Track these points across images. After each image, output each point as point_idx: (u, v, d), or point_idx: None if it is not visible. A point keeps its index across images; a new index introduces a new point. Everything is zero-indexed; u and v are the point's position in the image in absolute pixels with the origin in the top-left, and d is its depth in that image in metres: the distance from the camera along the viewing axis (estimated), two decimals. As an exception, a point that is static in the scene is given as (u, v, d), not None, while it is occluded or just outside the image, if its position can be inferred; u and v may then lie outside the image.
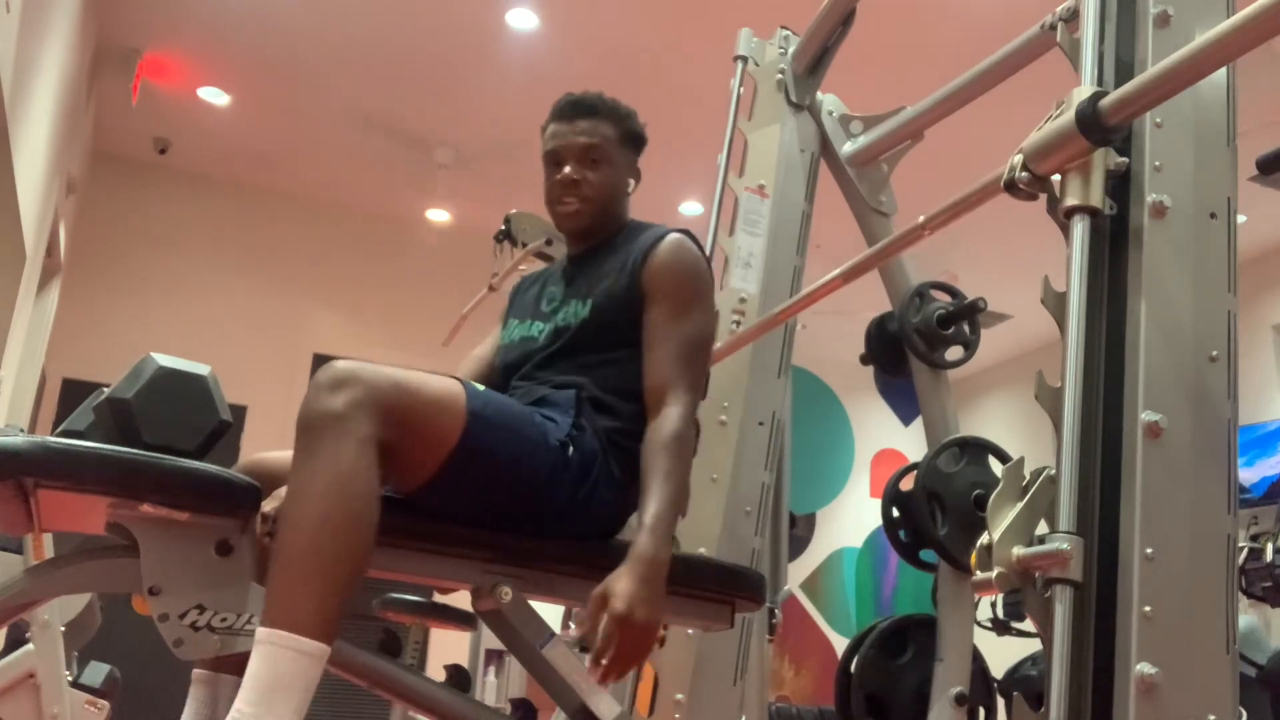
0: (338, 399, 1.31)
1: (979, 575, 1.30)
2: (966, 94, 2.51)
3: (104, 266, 5.93)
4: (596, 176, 1.80)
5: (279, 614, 1.24)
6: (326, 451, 1.29)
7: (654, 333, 1.65)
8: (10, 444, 1.32)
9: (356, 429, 1.31)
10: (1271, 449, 5.34)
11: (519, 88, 5.18)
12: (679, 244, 1.73)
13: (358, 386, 1.33)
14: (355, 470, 1.29)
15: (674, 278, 1.68)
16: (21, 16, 3.19)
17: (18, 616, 1.54)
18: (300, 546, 1.26)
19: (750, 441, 2.51)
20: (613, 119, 1.87)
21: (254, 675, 1.22)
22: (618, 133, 1.86)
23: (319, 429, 1.31)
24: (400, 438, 1.36)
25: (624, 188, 1.87)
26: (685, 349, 1.64)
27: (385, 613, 3.70)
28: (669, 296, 1.67)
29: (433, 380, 1.44)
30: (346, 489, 1.28)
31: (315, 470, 1.29)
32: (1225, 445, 1.37)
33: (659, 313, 1.66)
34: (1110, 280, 1.43)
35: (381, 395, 1.34)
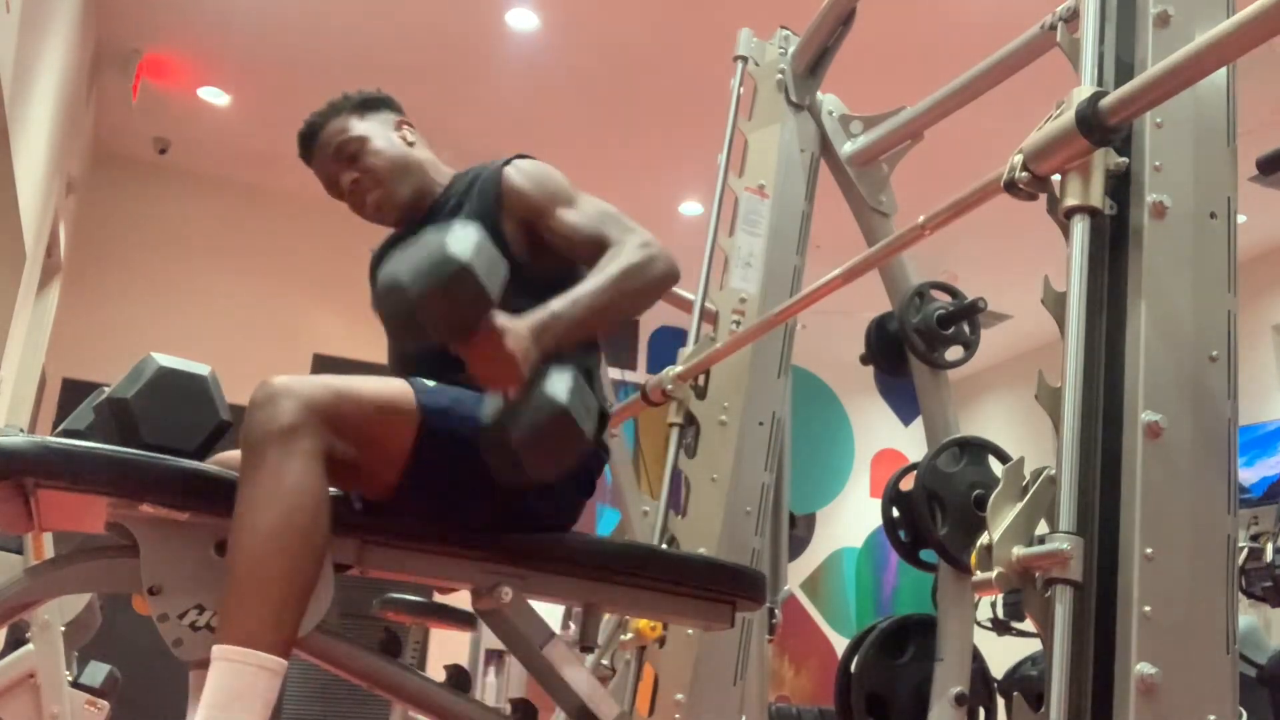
0: (277, 416, 1.30)
1: (979, 575, 1.30)
2: (966, 94, 2.51)
3: (104, 266, 5.93)
4: (364, 160, 1.76)
5: (233, 631, 1.24)
6: (270, 469, 1.28)
7: (570, 227, 1.60)
8: (10, 444, 1.32)
9: (299, 443, 1.30)
10: (1271, 449, 5.34)
11: (519, 88, 5.18)
12: (521, 162, 1.69)
13: (295, 400, 1.31)
14: (301, 485, 1.28)
15: (542, 183, 1.65)
16: (21, 16, 3.19)
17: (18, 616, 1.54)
18: (250, 564, 1.26)
19: (750, 441, 2.51)
20: (335, 115, 1.81)
21: (212, 691, 1.22)
22: (348, 118, 1.80)
23: (262, 447, 1.29)
24: (353, 447, 1.35)
25: (398, 142, 1.80)
26: (599, 214, 1.61)
27: (385, 613, 3.70)
28: (551, 197, 1.63)
29: (377, 383, 1.42)
30: (293, 505, 1.27)
31: (260, 488, 1.28)
32: (1225, 445, 1.37)
33: (558, 212, 1.62)
34: (1110, 280, 1.43)
35: (322, 406, 1.32)
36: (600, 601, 1.56)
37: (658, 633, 2.32)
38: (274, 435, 1.29)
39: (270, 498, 1.28)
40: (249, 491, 1.29)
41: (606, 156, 5.80)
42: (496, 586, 1.45)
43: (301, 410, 1.31)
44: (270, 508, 1.27)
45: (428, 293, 1.26)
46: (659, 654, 2.35)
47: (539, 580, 1.49)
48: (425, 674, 1.53)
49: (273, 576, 1.26)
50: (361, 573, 1.47)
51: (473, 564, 1.47)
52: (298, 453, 1.29)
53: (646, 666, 2.36)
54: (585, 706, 1.44)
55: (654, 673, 2.35)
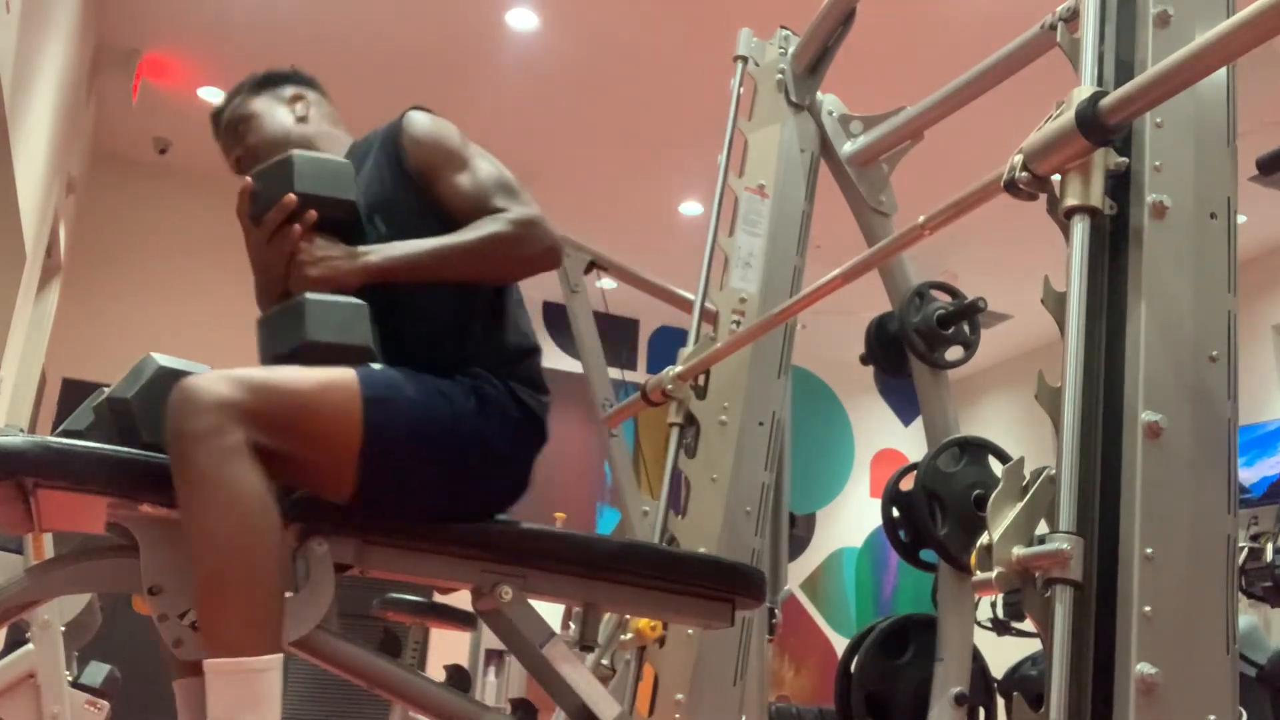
0: (193, 420, 1.28)
1: (979, 575, 1.30)
2: (966, 94, 2.51)
3: (104, 266, 5.93)
4: (247, 138, 1.79)
5: (216, 645, 1.24)
6: (201, 475, 1.27)
7: (455, 189, 1.57)
8: (10, 444, 1.32)
9: (221, 443, 1.28)
10: (1271, 449, 5.34)
11: (519, 88, 5.19)
12: (416, 116, 1.64)
13: (208, 401, 1.29)
14: (236, 484, 1.27)
15: (436, 141, 1.61)
16: (21, 16, 3.19)
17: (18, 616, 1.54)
18: (213, 575, 1.25)
19: (750, 441, 2.51)
20: (236, 95, 1.84)
21: (216, 707, 1.22)
22: (245, 95, 1.83)
23: (186, 454, 1.28)
24: (288, 442, 1.33)
25: (284, 118, 1.79)
26: (489, 180, 1.57)
27: (385, 613, 3.70)
28: (444, 157, 1.59)
29: (311, 375, 1.38)
30: (235, 506, 1.26)
31: (198, 496, 1.27)
32: (1225, 445, 1.37)
33: (447, 175, 1.58)
34: (1110, 280, 1.43)
35: (236, 402, 1.30)
36: (600, 600, 1.56)
37: (658, 633, 2.32)
38: (194, 440, 1.27)
39: (211, 504, 1.26)
40: (188, 502, 1.28)
41: (606, 156, 5.80)
42: (496, 586, 1.45)
43: (215, 411, 1.28)
44: (214, 514, 1.26)
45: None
46: (659, 654, 2.35)
47: (539, 579, 1.49)
48: (425, 674, 1.53)
49: (239, 581, 1.25)
50: (361, 573, 1.47)
51: (473, 564, 1.47)
52: (223, 452, 1.27)
53: (646, 666, 2.36)
54: (585, 706, 1.44)
55: (654, 673, 2.35)
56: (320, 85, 1.91)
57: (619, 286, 3.95)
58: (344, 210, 1.50)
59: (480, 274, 1.53)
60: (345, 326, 1.44)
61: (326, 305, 1.44)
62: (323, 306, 1.43)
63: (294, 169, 1.46)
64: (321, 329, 1.42)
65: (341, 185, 1.50)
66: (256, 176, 1.49)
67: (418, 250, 1.50)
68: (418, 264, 1.49)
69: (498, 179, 1.59)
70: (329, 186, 1.48)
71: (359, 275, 1.47)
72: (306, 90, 1.85)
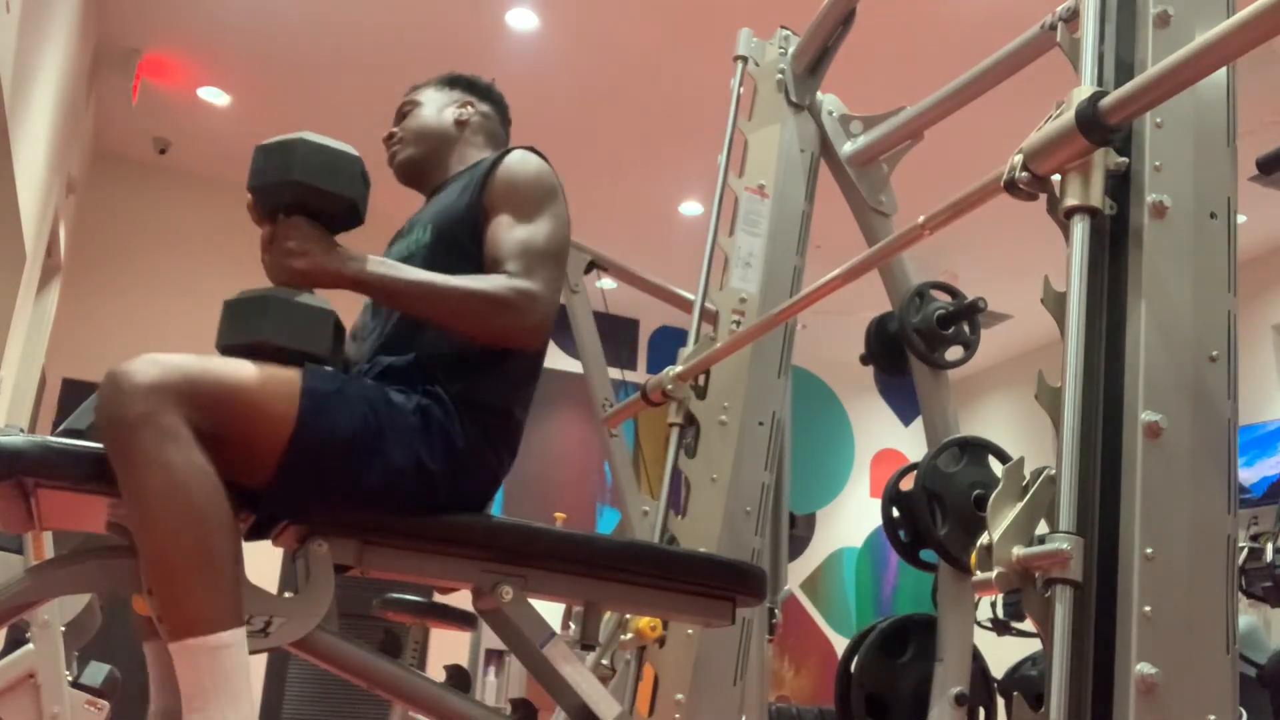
0: (125, 405, 1.27)
1: (979, 575, 1.30)
2: (966, 94, 2.51)
3: (104, 266, 5.93)
4: (405, 121, 1.85)
5: (177, 626, 1.24)
6: (138, 461, 1.26)
7: (496, 235, 1.57)
8: (10, 444, 1.32)
9: (156, 426, 1.26)
10: (1271, 449, 5.34)
11: (519, 88, 5.17)
12: (522, 155, 1.67)
13: (138, 386, 1.28)
14: (175, 463, 1.26)
15: (516, 184, 1.62)
16: (21, 16, 3.19)
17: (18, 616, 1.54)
18: (164, 563, 1.25)
19: (750, 441, 2.51)
20: (425, 85, 1.91)
21: (187, 686, 1.23)
22: (428, 87, 1.89)
23: (121, 441, 1.27)
24: (222, 425, 1.31)
25: (446, 116, 1.84)
26: (529, 243, 1.55)
27: (385, 613, 3.70)
28: (512, 203, 1.60)
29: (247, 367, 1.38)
30: (178, 486, 1.25)
31: (137, 484, 1.26)
32: (1225, 445, 1.37)
33: (503, 219, 1.58)
34: (1110, 280, 1.43)
35: (169, 385, 1.29)
36: (600, 599, 1.56)
37: (658, 633, 2.32)
38: (129, 426, 1.26)
39: (155, 488, 1.25)
40: (131, 489, 1.27)
41: (606, 156, 5.80)
42: (497, 586, 1.45)
43: (147, 395, 1.27)
44: (159, 498, 1.25)
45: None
46: (659, 654, 2.35)
47: (539, 579, 1.49)
48: (425, 674, 1.53)
49: (192, 562, 1.25)
50: (362, 573, 1.47)
51: (473, 563, 1.47)
52: (159, 435, 1.26)
53: (646, 666, 2.36)
54: (585, 706, 1.45)
55: (654, 673, 2.35)
56: (503, 107, 1.96)
57: (619, 286, 3.95)
58: (340, 205, 1.47)
59: (453, 324, 1.50)
60: (306, 333, 1.42)
61: (292, 307, 1.42)
62: (288, 308, 1.41)
63: (294, 155, 1.44)
64: (281, 331, 1.40)
65: (341, 179, 1.47)
66: (260, 151, 1.47)
67: (402, 276, 1.47)
68: (396, 290, 1.47)
69: (530, 243, 1.56)
70: (327, 178, 1.45)
71: (337, 280, 1.45)
72: (483, 103, 1.90)
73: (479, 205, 1.61)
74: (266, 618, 1.35)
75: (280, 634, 1.36)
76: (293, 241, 1.43)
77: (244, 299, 1.45)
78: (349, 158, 1.48)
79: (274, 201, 1.46)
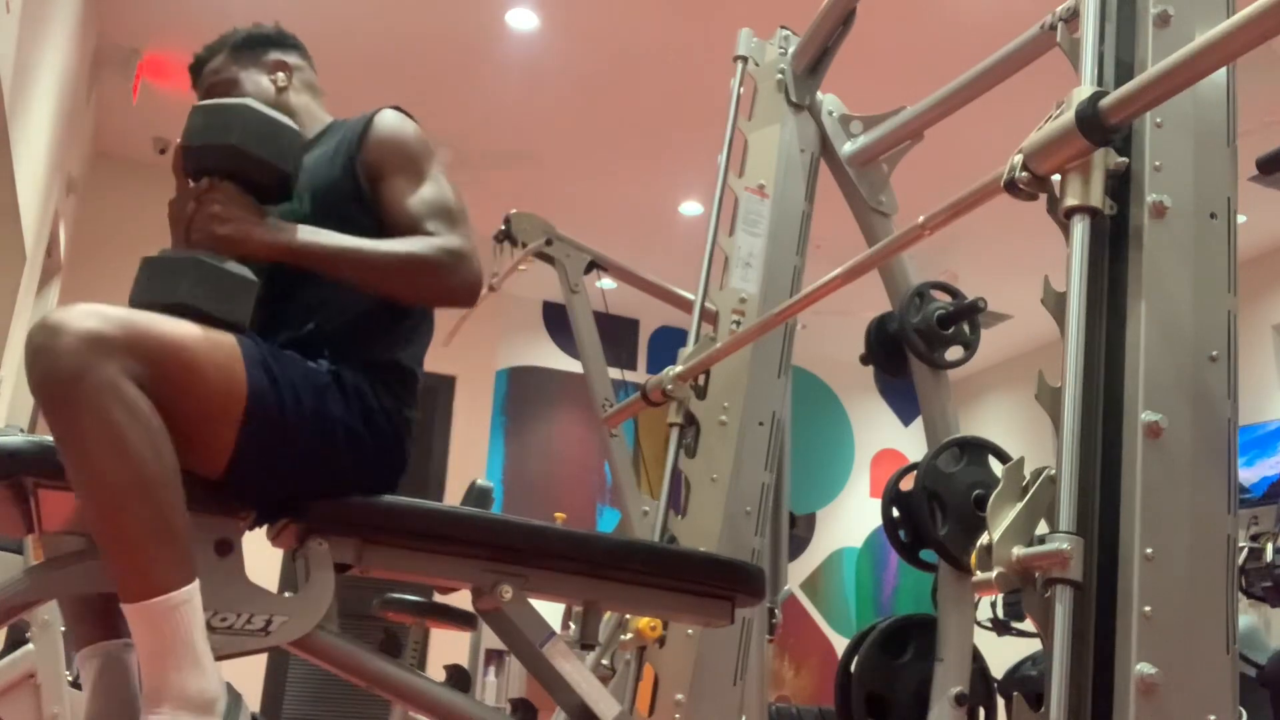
0: (60, 357, 1.20)
1: (979, 575, 1.30)
2: (966, 94, 2.51)
3: (104, 266, 5.91)
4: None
5: (130, 587, 1.22)
6: (76, 414, 1.19)
7: (399, 198, 1.55)
8: (10, 444, 1.32)
9: (94, 377, 1.20)
10: (1271, 449, 5.34)
11: (519, 88, 5.18)
12: (397, 116, 1.63)
13: (74, 336, 1.21)
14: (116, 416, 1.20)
15: (401, 146, 1.59)
16: (21, 16, 3.19)
17: (18, 616, 1.54)
18: (111, 519, 1.21)
19: (750, 441, 2.51)
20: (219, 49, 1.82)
21: (145, 648, 1.22)
22: (227, 54, 1.81)
23: (56, 394, 1.20)
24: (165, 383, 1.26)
25: (265, 90, 1.76)
26: (440, 202, 1.55)
27: (385, 613, 3.70)
28: (402, 165, 1.57)
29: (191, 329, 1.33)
30: (121, 441, 1.20)
31: (78, 437, 1.20)
32: (1225, 445, 1.37)
33: (397, 181, 1.56)
34: (1110, 280, 1.43)
35: (109, 336, 1.23)
36: (600, 599, 1.56)
37: (658, 633, 2.32)
38: (64, 383, 1.20)
39: (96, 445, 1.20)
40: (70, 447, 1.21)
41: (606, 156, 5.80)
42: (497, 585, 1.45)
43: (82, 347, 1.20)
44: (102, 454, 1.20)
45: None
46: (659, 654, 2.35)
47: (539, 578, 1.49)
48: (425, 674, 1.53)
49: (142, 521, 1.21)
50: (362, 573, 1.47)
51: (473, 563, 1.47)
52: (97, 388, 1.20)
53: (646, 666, 2.36)
54: (585, 705, 1.45)
55: (654, 673, 2.35)
56: (302, 46, 1.87)
57: (619, 286, 3.95)
58: (273, 176, 1.45)
59: (390, 290, 1.50)
60: (227, 299, 1.38)
61: (215, 272, 1.38)
62: (210, 272, 1.38)
63: (236, 118, 1.42)
64: (201, 295, 1.36)
65: (281, 150, 1.45)
66: (199, 111, 1.45)
67: (336, 245, 1.46)
68: (332, 259, 1.46)
69: (442, 202, 1.56)
70: (267, 148, 1.43)
71: (268, 250, 1.43)
72: (289, 55, 1.83)
73: (355, 170, 1.58)
74: (266, 617, 1.35)
75: (280, 634, 1.36)
76: (219, 206, 1.41)
77: (167, 258, 1.41)
78: (290, 130, 1.47)
79: (206, 163, 1.44)
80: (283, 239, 1.44)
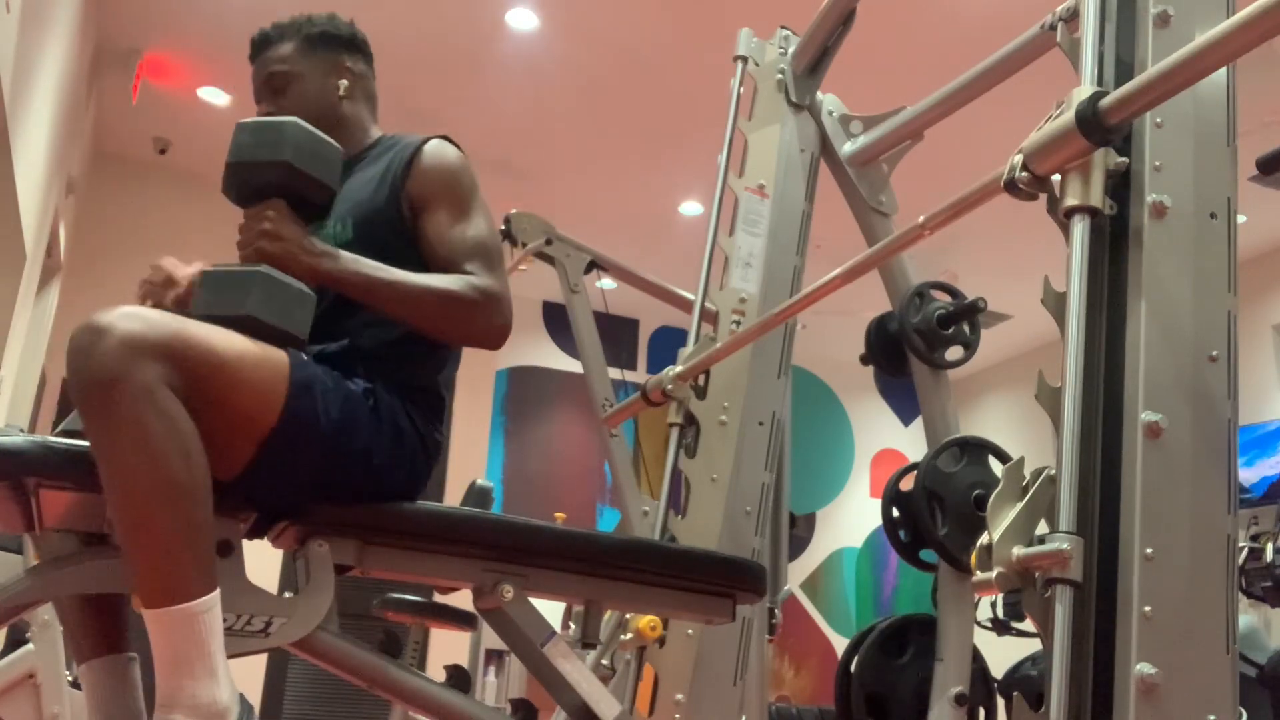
0: (103, 360, 1.20)
1: (979, 575, 1.31)
2: (966, 94, 2.51)
3: (104, 266, 5.93)
4: (286, 102, 1.70)
5: (153, 593, 1.22)
6: (113, 417, 1.20)
7: (442, 233, 1.56)
8: (10, 444, 1.32)
9: (134, 382, 1.20)
10: (1271, 449, 5.34)
11: (519, 88, 5.18)
12: (445, 148, 1.64)
13: (117, 339, 1.21)
14: (152, 422, 1.20)
15: (449, 180, 1.60)
16: (21, 16, 3.19)
17: (18, 616, 1.54)
18: (139, 524, 1.21)
19: (750, 441, 2.51)
20: (290, 35, 1.74)
21: (163, 655, 1.22)
22: (297, 45, 1.73)
23: (96, 398, 1.20)
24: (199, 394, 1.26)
25: (329, 94, 1.73)
26: (482, 242, 1.56)
27: (385, 613, 3.70)
28: (448, 199, 1.59)
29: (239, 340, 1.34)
30: (154, 447, 1.20)
31: (113, 440, 1.21)
32: (1225, 445, 1.37)
33: (441, 216, 1.57)
34: (1110, 280, 1.43)
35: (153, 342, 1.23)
36: (601, 597, 1.56)
37: (658, 633, 2.32)
38: (103, 386, 1.20)
39: (130, 449, 1.20)
40: (104, 449, 1.22)
41: (607, 156, 5.80)
42: (498, 585, 1.45)
43: (124, 349, 1.21)
44: (135, 459, 1.20)
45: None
46: (659, 654, 2.35)
47: (540, 577, 1.49)
48: (425, 674, 1.53)
49: (169, 528, 1.21)
50: (362, 573, 1.47)
51: (474, 563, 1.47)
52: (135, 392, 1.20)
53: (646, 666, 2.36)
54: (586, 705, 1.45)
55: (654, 672, 2.35)
56: (370, 52, 1.83)
57: (619, 286, 3.95)
58: (323, 195, 1.46)
59: (422, 325, 1.51)
60: (289, 312, 1.40)
61: (278, 285, 1.40)
62: (274, 285, 1.39)
63: (288, 138, 1.43)
64: (266, 307, 1.38)
65: (328, 170, 1.46)
66: (246, 128, 1.46)
67: (377, 276, 1.47)
68: (371, 290, 1.47)
69: (483, 242, 1.57)
70: (318, 167, 1.45)
71: (312, 273, 1.44)
72: (357, 61, 1.78)
73: (400, 199, 1.59)
74: (267, 618, 1.35)
75: (280, 634, 1.36)
76: (269, 224, 1.42)
77: (231, 271, 1.42)
78: (333, 148, 1.47)
79: (257, 180, 1.45)
80: (325, 264, 1.45)
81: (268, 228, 1.42)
